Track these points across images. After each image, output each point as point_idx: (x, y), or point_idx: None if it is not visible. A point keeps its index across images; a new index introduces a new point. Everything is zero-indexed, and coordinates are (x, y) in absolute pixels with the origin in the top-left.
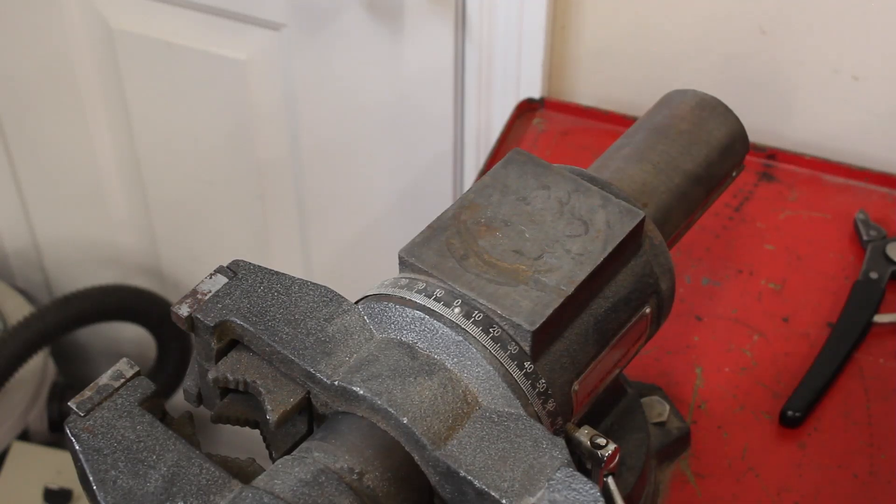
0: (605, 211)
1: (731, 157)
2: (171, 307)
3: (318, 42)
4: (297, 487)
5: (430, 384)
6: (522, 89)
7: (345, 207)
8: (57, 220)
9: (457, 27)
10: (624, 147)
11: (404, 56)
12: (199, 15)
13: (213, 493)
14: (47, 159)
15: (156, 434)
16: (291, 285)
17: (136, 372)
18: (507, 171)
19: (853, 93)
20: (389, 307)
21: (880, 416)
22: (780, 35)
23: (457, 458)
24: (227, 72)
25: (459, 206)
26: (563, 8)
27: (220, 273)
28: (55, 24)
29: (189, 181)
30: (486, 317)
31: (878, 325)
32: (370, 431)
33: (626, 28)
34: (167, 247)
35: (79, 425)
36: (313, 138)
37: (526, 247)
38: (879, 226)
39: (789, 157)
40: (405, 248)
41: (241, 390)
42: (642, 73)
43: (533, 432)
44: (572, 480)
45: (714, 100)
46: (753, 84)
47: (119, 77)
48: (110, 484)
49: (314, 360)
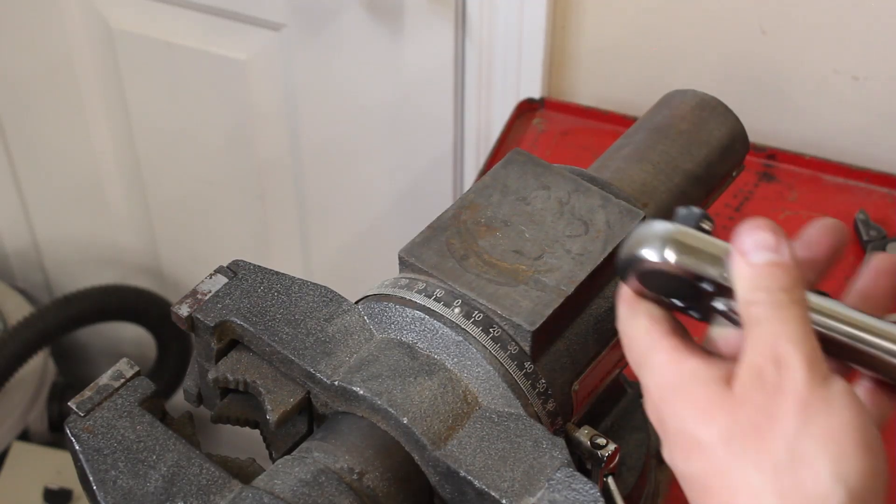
0: (605, 211)
1: (731, 157)
2: (171, 307)
3: (318, 42)
4: (297, 487)
5: (430, 384)
6: (522, 89)
7: (345, 207)
8: (57, 220)
9: (457, 27)
10: (624, 147)
11: (404, 56)
12: (199, 15)
13: (213, 493)
14: (47, 159)
15: (156, 434)
16: (291, 285)
17: (136, 372)
18: (507, 172)
19: (853, 93)
20: (389, 307)
21: None
22: (780, 35)
23: (457, 458)
24: (227, 72)
25: (459, 206)
26: (563, 8)
27: (220, 273)
28: (55, 24)
29: (189, 181)
30: (486, 317)
31: None
32: (370, 431)
33: (626, 28)
34: (167, 247)
35: (79, 425)
36: (313, 138)
37: (526, 247)
38: (879, 226)
39: (789, 157)
40: (405, 248)
41: (241, 390)
42: (642, 73)
43: (533, 432)
44: (572, 480)
45: (714, 100)
46: (753, 84)
47: (119, 77)
48: (110, 484)
49: (314, 360)
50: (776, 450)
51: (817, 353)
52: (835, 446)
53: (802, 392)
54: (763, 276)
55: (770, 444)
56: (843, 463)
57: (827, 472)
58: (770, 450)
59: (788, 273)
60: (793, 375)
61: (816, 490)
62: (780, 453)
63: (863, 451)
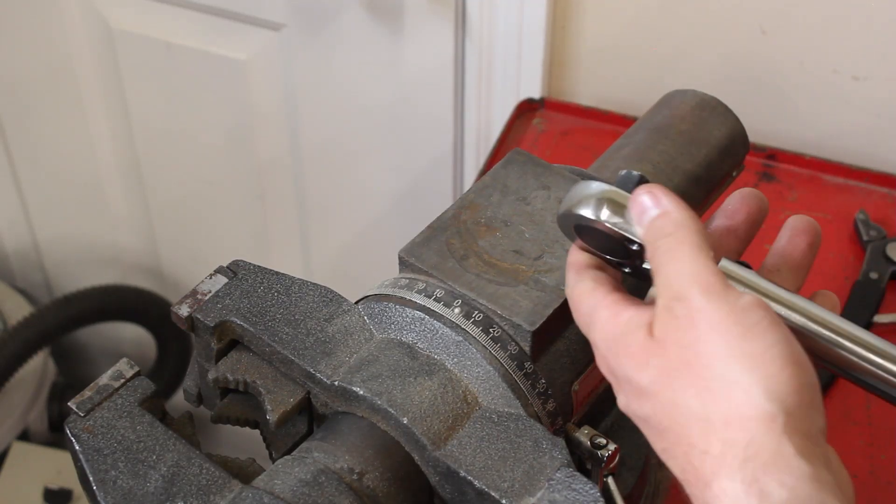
0: None
1: (731, 157)
2: (171, 307)
3: (318, 42)
4: (297, 487)
5: (430, 384)
6: (522, 89)
7: (345, 207)
8: (57, 220)
9: (457, 27)
10: (624, 147)
11: (404, 56)
12: (199, 15)
13: (213, 493)
14: (47, 159)
15: (156, 434)
16: (291, 285)
17: (136, 372)
18: (507, 171)
19: (853, 93)
20: (389, 307)
21: (880, 417)
22: (780, 35)
23: (457, 458)
24: (227, 72)
25: (459, 206)
26: (563, 8)
27: (220, 273)
28: (55, 24)
29: (189, 181)
30: (486, 317)
31: (878, 325)
32: (370, 431)
33: (626, 28)
34: (167, 247)
35: (79, 425)
36: (313, 138)
37: (526, 247)
38: (879, 226)
39: (789, 157)
40: (405, 248)
41: (241, 390)
42: (642, 73)
43: (533, 432)
44: (572, 480)
45: (714, 100)
46: (753, 84)
47: (119, 77)
48: (110, 484)
49: (314, 360)
50: (708, 377)
51: (713, 278)
52: (761, 367)
53: (712, 318)
54: (652, 231)
55: (701, 373)
56: (772, 381)
57: (759, 393)
58: (703, 377)
59: (669, 219)
60: (696, 305)
61: (755, 411)
62: (713, 381)
63: (790, 367)
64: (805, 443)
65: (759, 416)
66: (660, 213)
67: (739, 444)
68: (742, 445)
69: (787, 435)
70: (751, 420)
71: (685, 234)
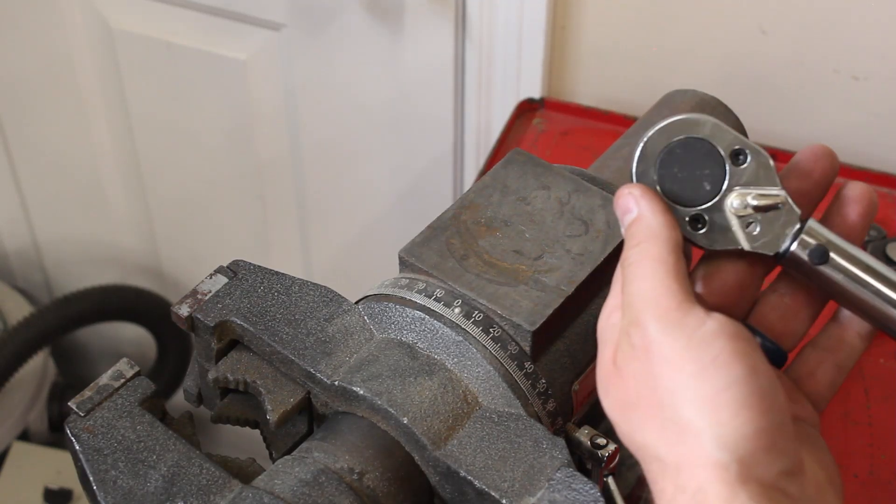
0: (606, 211)
1: None
2: (171, 307)
3: (318, 42)
4: (297, 487)
5: (430, 384)
6: (522, 89)
7: (345, 207)
8: (57, 220)
9: (457, 27)
10: (624, 147)
11: (404, 56)
12: (199, 15)
13: (213, 493)
14: (47, 159)
15: (156, 434)
16: (291, 285)
17: (136, 372)
18: (507, 171)
19: (853, 93)
20: (389, 307)
21: (880, 417)
22: (780, 35)
23: (457, 458)
24: (227, 72)
25: (459, 206)
26: (563, 8)
27: (220, 273)
28: (55, 24)
29: (189, 181)
30: (487, 317)
31: None
32: (370, 431)
33: (626, 28)
34: (167, 247)
35: (79, 425)
36: (313, 138)
37: (526, 247)
38: (879, 226)
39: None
40: (405, 248)
41: (241, 390)
42: (642, 73)
43: (533, 432)
44: (572, 480)
45: (714, 100)
46: (753, 84)
47: (119, 77)
48: (110, 484)
49: (314, 360)
50: (662, 418)
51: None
52: (714, 413)
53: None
54: (627, 237)
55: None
56: (725, 428)
57: (710, 441)
58: (657, 417)
59: (641, 224)
60: (651, 336)
61: (705, 460)
62: (667, 421)
63: (745, 412)
64: (761, 490)
65: (710, 465)
66: (635, 218)
67: (689, 490)
68: (691, 492)
69: (741, 483)
70: (701, 468)
71: (651, 246)
